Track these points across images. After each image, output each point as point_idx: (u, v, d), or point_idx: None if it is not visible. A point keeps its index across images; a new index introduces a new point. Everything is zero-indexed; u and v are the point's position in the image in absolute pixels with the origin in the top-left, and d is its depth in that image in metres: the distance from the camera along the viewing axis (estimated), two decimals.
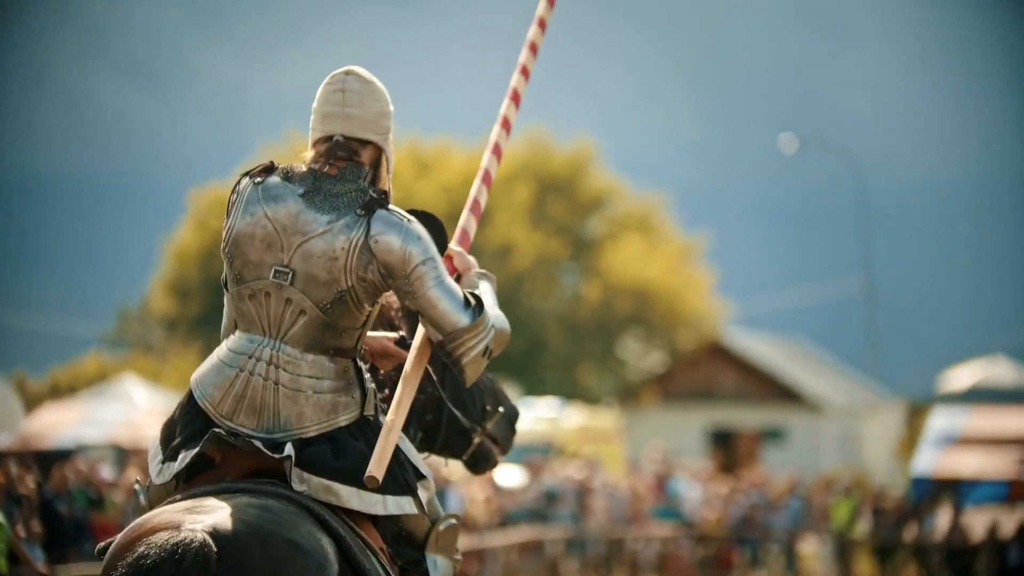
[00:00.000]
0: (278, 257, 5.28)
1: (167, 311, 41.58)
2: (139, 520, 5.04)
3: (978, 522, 33.75)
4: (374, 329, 5.89)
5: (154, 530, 4.90)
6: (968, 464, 31.07)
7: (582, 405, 43.02)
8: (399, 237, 5.27)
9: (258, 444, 5.24)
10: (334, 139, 5.38)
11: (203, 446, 5.24)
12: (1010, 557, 29.53)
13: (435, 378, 6.38)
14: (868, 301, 69.73)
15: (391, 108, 5.50)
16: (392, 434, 5.31)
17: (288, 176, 5.36)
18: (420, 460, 5.63)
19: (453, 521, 5.74)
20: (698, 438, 51.54)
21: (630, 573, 25.14)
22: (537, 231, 45.27)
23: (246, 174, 5.42)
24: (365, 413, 5.42)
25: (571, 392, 45.44)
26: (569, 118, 58.32)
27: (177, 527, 4.87)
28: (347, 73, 5.44)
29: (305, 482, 5.22)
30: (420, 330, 5.50)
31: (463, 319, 5.36)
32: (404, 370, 5.47)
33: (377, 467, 5.22)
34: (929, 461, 31.53)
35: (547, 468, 27.94)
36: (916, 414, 61.25)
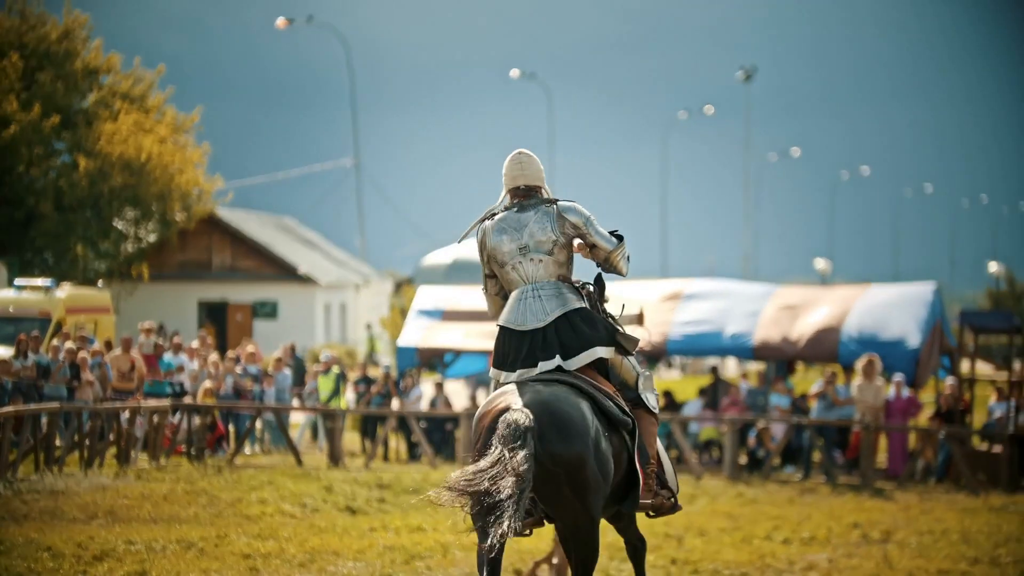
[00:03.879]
0: (519, 246, 10.30)
1: None
2: (491, 398, 10.03)
3: (459, 393, 35.43)
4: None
5: (500, 409, 9.78)
6: (450, 337, 32.37)
7: (76, 279, 42.69)
8: (575, 213, 10.35)
9: (535, 325, 10.26)
10: (520, 188, 10.44)
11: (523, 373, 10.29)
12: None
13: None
14: (358, 182, 71.09)
15: (542, 165, 10.52)
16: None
17: (505, 210, 10.41)
18: (623, 328, 10.44)
19: (649, 372, 10.69)
20: (192, 311, 51.83)
21: (122, 446, 25.29)
22: (28, 104, 44.48)
23: (482, 220, 10.46)
24: (585, 305, 10.33)
25: (65, 266, 45.00)
26: None
27: (508, 407, 9.72)
28: (519, 153, 10.48)
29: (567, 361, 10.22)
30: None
31: (611, 246, 10.35)
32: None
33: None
34: (414, 335, 32.74)
35: (40, 341, 27.78)
36: (402, 290, 63.15)
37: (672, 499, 10.53)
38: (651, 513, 10.49)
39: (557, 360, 10.16)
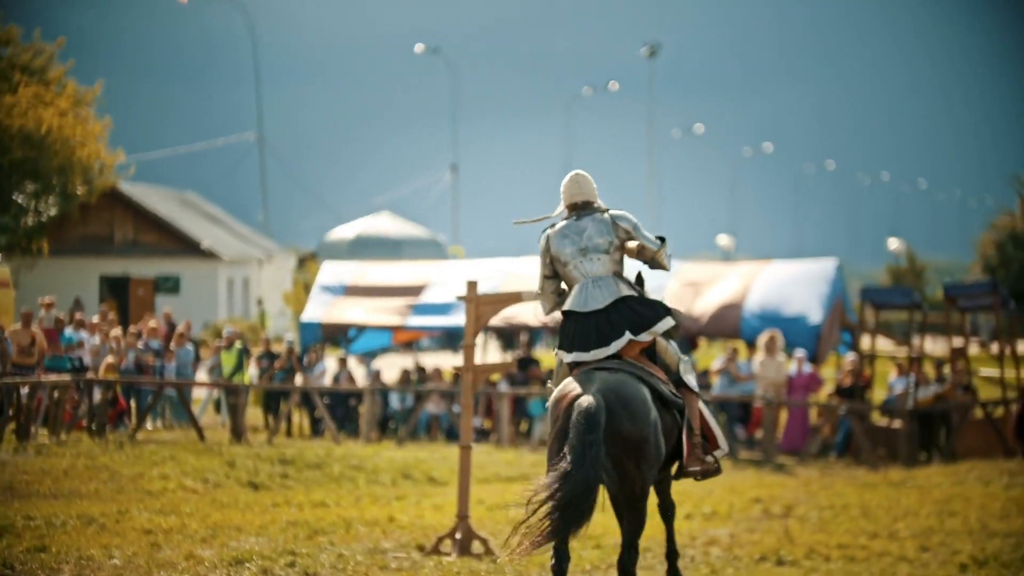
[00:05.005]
0: (579, 248, 12.00)
1: None
2: (564, 384, 11.60)
3: (363, 368, 35.35)
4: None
5: (574, 395, 11.34)
6: (354, 313, 32.31)
7: None
8: (625, 220, 12.08)
9: (596, 307, 11.89)
10: (577, 203, 12.18)
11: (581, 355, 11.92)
12: (392, 401, 31.26)
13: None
14: (261, 157, 70.70)
15: (594, 183, 12.28)
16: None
17: (564, 220, 12.16)
18: (668, 305, 12.08)
19: (688, 357, 12.35)
20: (94, 286, 51.36)
21: (21, 421, 25.04)
22: None
23: (545, 229, 12.20)
24: (636, 293, 11.93)
25: None
26: None
27: (583, 393, 11.28)
28: (576, 174, 12.27)
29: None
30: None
31: (656, 247, 12.02)
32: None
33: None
34: (318, 310, 32.64)
35: None
36: (305, 264, 62.91)
37: (716, 464, 12.26)
38: (699, 477, 12.25)
39: (628, 336, 11.82)
